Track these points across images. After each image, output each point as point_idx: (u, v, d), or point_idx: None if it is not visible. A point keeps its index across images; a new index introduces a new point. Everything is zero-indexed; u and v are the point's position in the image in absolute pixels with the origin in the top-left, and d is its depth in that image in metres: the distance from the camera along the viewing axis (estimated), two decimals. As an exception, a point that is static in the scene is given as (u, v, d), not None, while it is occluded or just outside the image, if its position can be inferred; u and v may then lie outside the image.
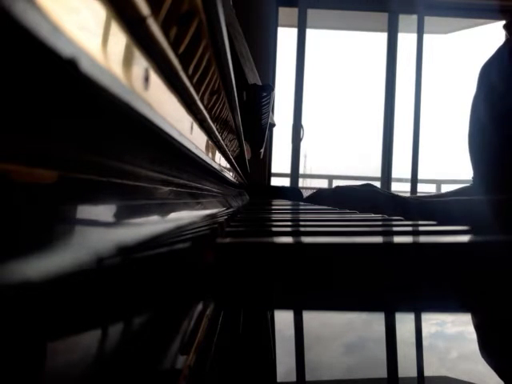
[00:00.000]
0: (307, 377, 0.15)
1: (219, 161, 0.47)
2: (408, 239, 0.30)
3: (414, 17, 2.92)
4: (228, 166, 0.60)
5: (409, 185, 2.88)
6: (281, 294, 0.25)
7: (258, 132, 1.25)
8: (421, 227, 0.42)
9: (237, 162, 0.76)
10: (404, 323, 0.22)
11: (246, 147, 1.05)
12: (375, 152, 2.96)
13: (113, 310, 0.11)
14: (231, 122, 0.50)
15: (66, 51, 0.08)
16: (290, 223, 0.52)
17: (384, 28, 2.94)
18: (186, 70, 0.20)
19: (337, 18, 3.13)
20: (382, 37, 2.96)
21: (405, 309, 0.24)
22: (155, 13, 0.14)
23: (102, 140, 0.14)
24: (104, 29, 0.11)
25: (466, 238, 0.29)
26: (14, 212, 0.08)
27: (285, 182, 2.89)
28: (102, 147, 0.14)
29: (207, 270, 0.26)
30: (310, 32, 2.88)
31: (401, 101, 2.92)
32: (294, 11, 2.85)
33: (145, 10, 0.13)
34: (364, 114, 3.23)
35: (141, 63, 0.14)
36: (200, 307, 0.21)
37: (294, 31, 2.86)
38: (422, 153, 2.92)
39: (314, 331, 0.20)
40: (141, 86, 0.14)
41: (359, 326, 0.21)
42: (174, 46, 0.17)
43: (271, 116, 1.41)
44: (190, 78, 0.22)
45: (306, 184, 3.29)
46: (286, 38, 2.88)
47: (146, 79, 0.15)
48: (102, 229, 0.12)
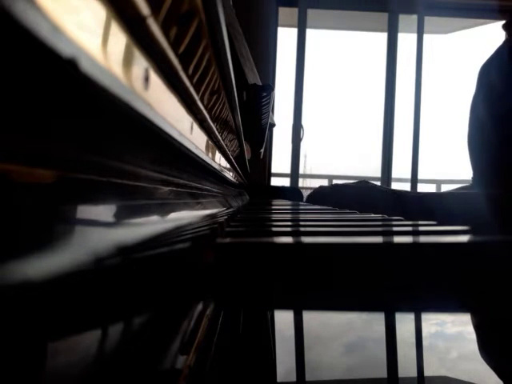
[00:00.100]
0: (307, 377, 0.15)
1: (219, 161, 0.47)
2: (408, 239, 0.30)
3: (414, 17, 2.92)
4: (228, 166, 0.60)
5: (409, 185, 2.88)
6: (281, 294, 0.25)
7: (258, 132, 1.25)
8: (421, 227, 0.42)
9: (237, 162, 0.76)
10: (404, 323, 0.22)
11: (246, 147, 1.05)
12: (375, 152, 2.96)
13: (113, 310, 0.11)
14: (231, 122, 0.50)
15: (66, 51, 0.08)
16: (289, 223, 0.52)
17: (384, 28, 2.94)
18: (185, 70, 0.20)
19: (337, 18, 3.13)
20: (382, 37, 2.96)
21: (405, 309, 0.24)
22: (155, 13, 0.14)
23: (102, 140, 0.14)
24: (104, 29, 0.11)
25: (466, 238, 0.29)
26: (14, 212, 0.08)
27: (285, 182, 2.89)
28: (102, 147, 0.14)
29: (207, 270, 0.26)
30: (309, 32, 2.88)
31: (401, 101, 2.92)
32: (294, 11, 2.85)
33: (145, 9, 0.13)
34: (364, 114, 3.23)
35: (141, 63, 0.14)
36: (200, 307, 0.21)
37: (294, 31, 2.86)
38: (422, 153, 2.92)
39: (314, 331, 0.20)
40: (141, 86, 0.14)
41: (359, 326, 0.21)
42: (174, 46, 0.17)
43: (271, 116, 1.41)
44: (190, 78, 0.22)
45: (306, 184, 3.29)
46: (286, 38, 2.88)
47: (146, 79, 0.15)
48: (102, 229, 0.12)
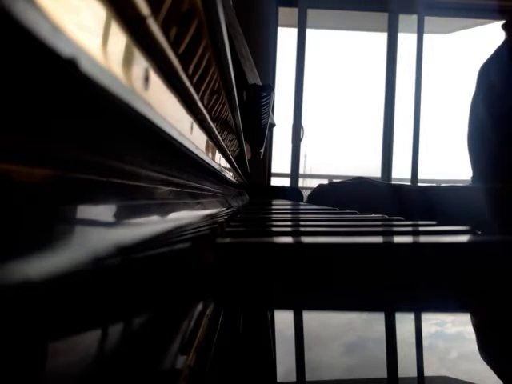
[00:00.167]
0: (307, 377, 0.15)
1: (219, 161, 0.47)
2: (408, 239, 0.30)
3: (414, 17, 2.92)
4: (228, 166, 0.60)
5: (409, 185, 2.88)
6: (281, 294, 0.25)
7: (258, 132, 1.25)
8: (421, 227, 0.42)
9: (237, 162, 0.76)
10: (404, 323, 0.22)
11: (246, 147, 1.05)
12: (375, 152, 2.96)
13: (113, 310, 0.11)
14: (231, 122, 0.50)
15: (66, 51, 0.08)
16: (289, 223, 0.52)
17: (384, 28, 2.94)
18: (185, 70, 0.20)
19: (337, 18, 3.13)
20: (382, 37, 2.96)
21: (405, 309, 0.24)
22: (155, 13, 0.14)
23: (102, 140, 0.14)
24: (104, 29, 0.11)
25: (466, 238, 0.29)
26: (13, 212, 0.08)
27: (285, 182, 2.89)
28: (102, 147, 0.14)
29: (207, 270, 0.26)
30: (309, 32, 2.88)
31: (401, 101, 2.92)
32: (294, 11, 2.85)
33: (145, 9, 0.13)
34: (364, 114, 3.23)
35: (141, 63, 0.14)
36: (200, 307, 0.21)
37: (294, 31, 2.86)
38: (422, 153, 2.92)
39: (314, 331, 0.20)
40: (141, 86, 0.14)
41: (359, 326, 0.21)
42: (174, 46, 0.17)
43: (271, 116, 1.41)
44: (190, 78, 0.22)
45: (306, 184, 3.29)
46: (286, 37, 2.88)
47: (146, 79, 0.15)
48: (102, 229, 0.12)
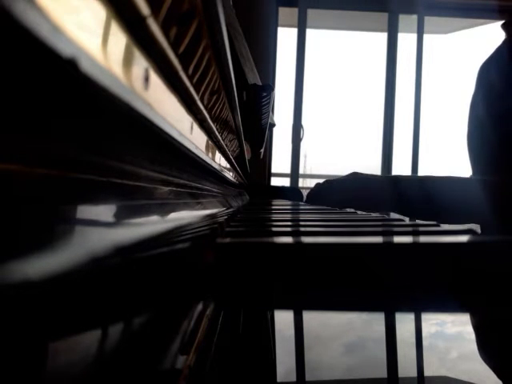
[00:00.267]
0: (307, 377, 0.15)
1: (219, 161, 0.47)
2: (408, 239, 0.30)
3: (414, 17, 2.92)
4: (228, 166, 0.60)
5: (409, 185, 2.88)
6: (281, 294, 0.25)
7: (258, 132, 1.25)
8: (421, 227, 0.42)
9: (237, 162, 0.76)
10: (404, 323, 0.22)
11: (246, 147, 1.05)
12: (375, 152, 2.96)
13: (113, 310, 0.11)
14: (231, 122, 0.50)
15: (66, 51, 0.08)
16: (289, 223, 0.52)
17: (384, 28, 2.94)
18: (185, 70, 0.20)
19: (337, 18, 3.13)
20: (382, 37, 2.96)
21: (405, 309, 0.24)
22: (155, 13, 0.14)
23: (102, 140, 0.14)
24: (104, 29, 0.11)
25: (466, 238, 0.29)
26: (13, 212, 0.08)
27: (285, 182, 2.89)
28: (102, 147, 0.14)
29: (207, 270, 0.26)
30: (309, 32, 2.88)
31: (401, 101, 2.92)
32: (294, 11, 2.85)
33: (145, 9, 0.13)
34: (364, 114, 3.23)
35: (141, 63, 0.14)
36: (200, 307, 0.21)
37: (294, 31, 2.86)
38: (422, 153, 2.93)
39: (314, 331, 0.20)
40: (141, 86, 0.14)
41: (359, 326, 0.21)
42: (174, 46, 0.17)
43: (271, 116, 1.41)
44: (190, 78, 0.22)
45: (306, 184, 3.29)
46: (286, 38, 2.88)
47: (146, 79, 0.15)
48: (102, 229, 0.12)
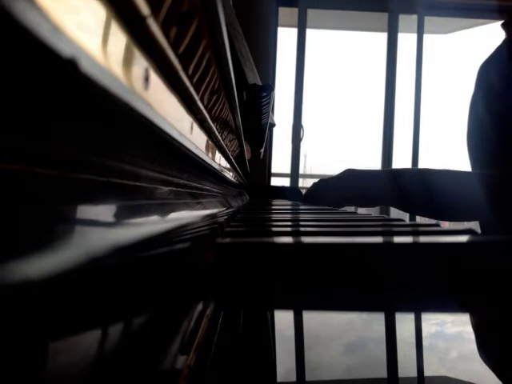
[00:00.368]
0: (307, 377, 0.15)
1: (219, 161, 0.47)
2: (408, 239, 0.30)
3: (414, 17, 2.92)
4: (228, 166, 0.60)
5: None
6: (281, 294, 0.25)
7: (258, 132, 1.25)
8: (420, 227, 0.42)
9: (237, 162, 0.76)
10: (404, 323, 0.22)
11: (246, 147, 1.05)
12: (375, 152, 2.96)
13: (113, 310, 0.11)
14: (231, 122, 0.50)
15: (66, 51, 0.08)
16: (289, 223, 0.52)
17: (384, 28, 2.94)
18: (185, 70, 0.20)
19: (337, 18, 3.13)
20: (382, 37, 2.97)
21: (405, 309, 0.24)
22: (155, 13, 0.14)
23: (102, 140, 0.14)
24: (104, 29, 0.11)
25: (466, 238, 0.29)
26: (13, 212, 0.08)
27: (285, 182, 2.89)
28: (102, 147, 0.14)
29: (207, 270, 0.26)
30: (309, 32, 2.88)
31: (401, 101, 2.92)
32: (294, 11, 2.85)
33: (145, 9, 0.13)
34: (364, 114, 3.23)
35: (141, 63, 0.14)
36: (200, 307, 0.21)
37: (294, 31, 2.86)
38: (422, 153, 2.93)
39: (314, 331, 0.20)
40: (141, 86, 0.14)
41: (359, 326, 0.21)
42: (174, 46, 0.17)
43: (271, 116, 1.41)
44: (190, 78, 0.22)
45: (306, 184, 3.29)
46: (286, 38, 2.88)
47: (146, 79, 0.15)
48: (102, 229, 0.12)
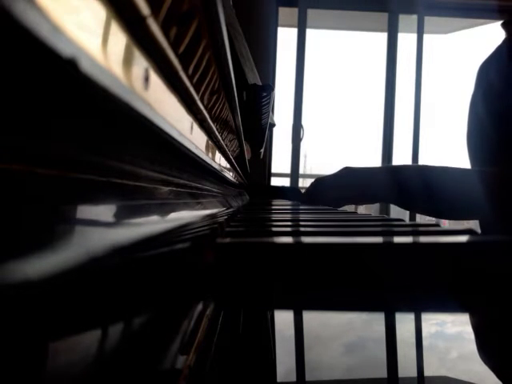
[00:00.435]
0: (307, 377, 0.15)
1: (219, 161, 0.47)
2: (408, 239, 0.30)
3: (414, 17, 2.92)
4: (228, 166, 0.60)
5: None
6: (281, 294, 0.25)
7: (258, 132, 1.25)
8: (420, 228, 0.42)
9: (237, 162, 0.76)
10: (404, 323, 0.22)
11: (246, 147, 1.05)
12: (375, 152, 2.96)
13: (113, 310, 0.11)
14: (231, 122, 0.50)
15: (66, 51, 0.08)
16: (289, 223, 0.52)
17: (384, 28, 2.94)
18: (185, 70, 0.20)
19: (337, 18, 3.13)
20: (382, 37, 2.97)
21: (405, 309, 0.24)
22: (155, 13, 0.14)
23: (102, 140, 0.14)
24: (104, 29, 0.11)
25: (466, 238, 0.29)
26: (13, 212, 0.08)
27: (285, 182, 2.89)
28: (102, 147, 0.14)
29: (207, 270, 0.26)
30: (310, 32, 2.88)
31: (401, 101, 2.92)
32: (294, 11, 2.85)
33: (145, 9, 0.13)
34: (364, 114, 3.23)
35: (141, 63, 0.14)
36: (200, 307, 0.21)
37: (294, 31, 2.86)
38: (422, 153, 2.93)
39: (314, 331, 0.20)
40: (141, 86, 0.14)
41: (359, 326, 0.21)
42: (174, 46, 0.17)
43: (271, 116, 1.41)
44: (190, 78, 0.22)
45: (306, 184, 3.29)
46: (286, 38, 2.88)
47: (146, 79, 0.15)
48: (102, 229, 0.12)
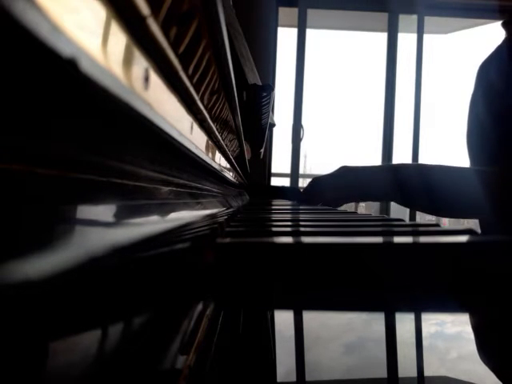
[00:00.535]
0: (307, 377, 0.15)
1: (219, 161, 0.47)
2: (408, 239, 0.30)
3: (414, 17, 2.92)
4: (228, 166, 0.60)
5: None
6: (281, 294, 0.25)
7: (258, 132, 1.25)
8: (420, 228, 0.42)
9: (237, 162, 0.76)
10: (404, 323, 0.22)
11: (246, 147, 1.05)
12: (375, 152, 2.96)
13: (113, 310, 0.11)
14: (231, 122, 0.50)
15: (66, 51, 0.08)
16: (289, 223, 0.52)
17: (384, 28, 2.94)
18: (185, 70, 0.20)
19: (337, 18, 3.13)
20: (382, 37, 2.97)
21: (405, 309, 0.24)
22: (155, 13, 0.14)
23: (102, 140, 0.14)
24: (104, 29, 0.11)
25: (466, 238, 0.29)
26: (14, 212, 0.08)
27: (285, 182, 2.89)
28: (102, 147, 0.14)
29: (207, 270, 0.26)
30: (309, 32, 2.88)
31: (401, 101, 2.92)
32: (294, 11, 2.85)
33: (145, 9, 0.13)
34: (364, 114, 3.23)
35: (141, 63, 0.14)
36: (200, 307, 0.21)
37: (294, 31, 2.86)
38: (422, 153, 2.93)
39: (314, 331, 0.20)
40: (141, 86, 0.14)
41: (359, 326, 0.21)
42: (174, 46, 0.17)
43: (271, 116, 1.41)
44: (190, 78, 0.22)
45: (306, 184, 3.29)
46: (286, 38, 2.88)
47: (146, 79, 0.15)
48: (102, 229, 0.12)
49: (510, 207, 0.65)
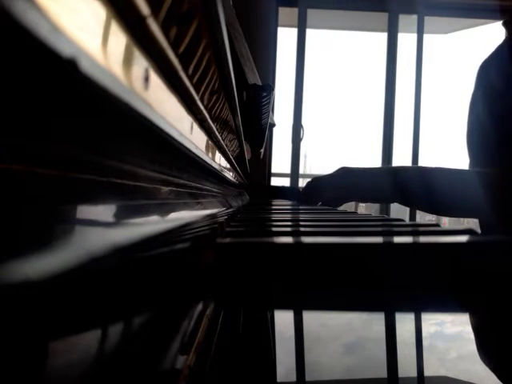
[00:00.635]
0: (307, 377, 0.15)
1: (219, 161, 0.47)
2: (408, 239, 0.30)
3: (414, 17, 2.92)
4: (228, 166, 0.60)
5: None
6: (281, 294, 0.25)
7: (258, 132, 1.25)
8: (420, 228, 0.42)
9: (237, 162, 0.76)
10: (404, 323, 0.22)
11: (246, 147, 1.05)
12: (375, 152, 2.96)
13: (113, 310, 0.11)
14: (231, 122, 0.50)
15: (66, 51, 0.08)
16: (289, 223, 0.52)
17: (384, 28, 2.94)
18: (185, 70, 0.20)
19: (337, 18, 3.13)
20: (382, 37, 2.97)
21: (405, 309, 0.24)
22: (155, 13, 0.14)
23: (102, 140, 0.14)
24: (104, 29, 0.11)
25: (466, 238, 0.29)
26: (14, 212, 0.08)
27: (285, 182, 2.89)
28: (102, 147, 0.14)
29: (207, 270, 0.26)
30: (310, 32, 2.88)
31: (401, 101, 2.92)
32: (294, 11, 2.85)
33: (145, 9, 0.13)
34: (364, 114, 3.23)
35: (141, 63, 0.14)
36: (200, 307, 0.21)
37: (294, 31, 2.86)
38: (422, 153, 2.93)
39: (314, 331, 0.20)
40: (141, 86, 0.14)
41: (359, 326, 0.21)
42: (174, 46, 0.17)
43: (271, 116, 1.41)
44: (190, 78, 0.22)
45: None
46: (286, 38, 2.88)
47: (146, 79, 0.15)
48: (102, 229, 0.12)
49: (510, 208, 0.65)
